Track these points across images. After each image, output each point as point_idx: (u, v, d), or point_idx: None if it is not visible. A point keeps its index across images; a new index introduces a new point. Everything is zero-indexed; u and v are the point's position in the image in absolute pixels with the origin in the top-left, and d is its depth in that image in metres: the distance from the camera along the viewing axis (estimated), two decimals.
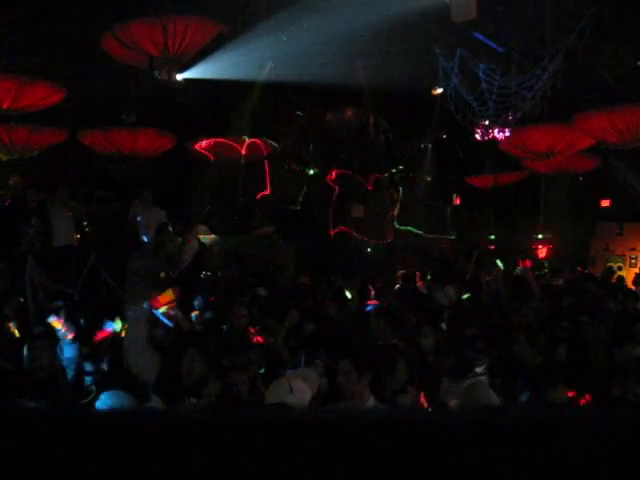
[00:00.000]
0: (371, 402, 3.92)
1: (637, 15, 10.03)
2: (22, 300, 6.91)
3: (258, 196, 14.32)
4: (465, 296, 8.86)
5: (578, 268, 14.24)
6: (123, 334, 5.27)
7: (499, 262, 9.93)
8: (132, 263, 9.82)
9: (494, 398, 3.93)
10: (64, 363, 4.65)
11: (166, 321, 5.91)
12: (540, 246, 12.45)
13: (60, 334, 5.04)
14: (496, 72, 11.04)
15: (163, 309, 6.10)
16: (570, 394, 4.17)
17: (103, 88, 11.30)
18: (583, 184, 16.49)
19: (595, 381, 4.77)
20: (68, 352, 4.84)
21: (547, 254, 12.39)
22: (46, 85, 10.29)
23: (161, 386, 4.20)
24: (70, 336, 5.07)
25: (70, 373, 4.63)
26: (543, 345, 5.92)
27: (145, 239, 10.48)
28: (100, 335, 5.32)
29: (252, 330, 5.90)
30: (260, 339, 5.69)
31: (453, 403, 4.06)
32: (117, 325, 5.35)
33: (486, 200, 16.64)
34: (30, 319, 6.87)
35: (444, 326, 6.83)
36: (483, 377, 4.10)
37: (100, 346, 5.27)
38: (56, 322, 5.49)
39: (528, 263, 11.98)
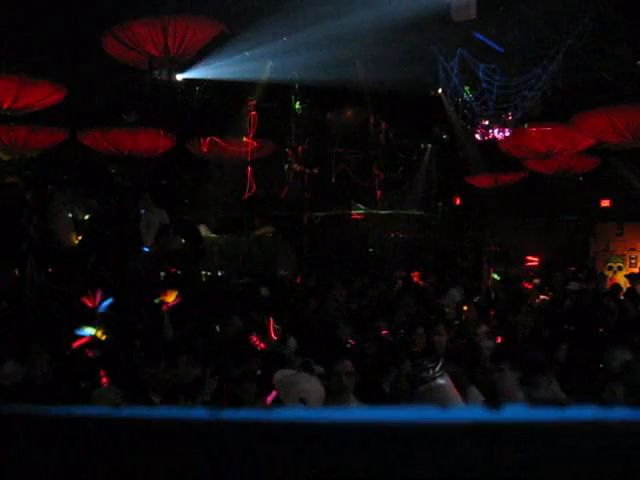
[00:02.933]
0: (354, 401, 3.90)
1: (637, 15, 10.03)
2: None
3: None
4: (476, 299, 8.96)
5: (572, 268, 14.19)
6: (99, 335, 5.23)
7: (495, 275, 9.94)
8: (133, 264, 9.87)
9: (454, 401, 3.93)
10: None
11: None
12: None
13: None
14: (496, 72, 11.05)
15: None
16: None
17: (103, 88, 11.29)
18: (583, 184, 16.48)
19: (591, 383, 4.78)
20: None
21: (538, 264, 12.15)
22: (46, 85, 10.28)
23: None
24: None
25: None
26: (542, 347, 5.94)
27: (145, 249, 10.47)
28: (78, 342, 5.27)
29: (255, 339, 5.87)
30: (263, 346, 5.68)
31: None
32: (91, 330, 5.31)
33: (486, 200, 16.63)
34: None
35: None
36: (441, 381, 4.08)
37: (81, 352, 5.20)
38: None
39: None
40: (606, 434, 0.82)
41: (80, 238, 10.21)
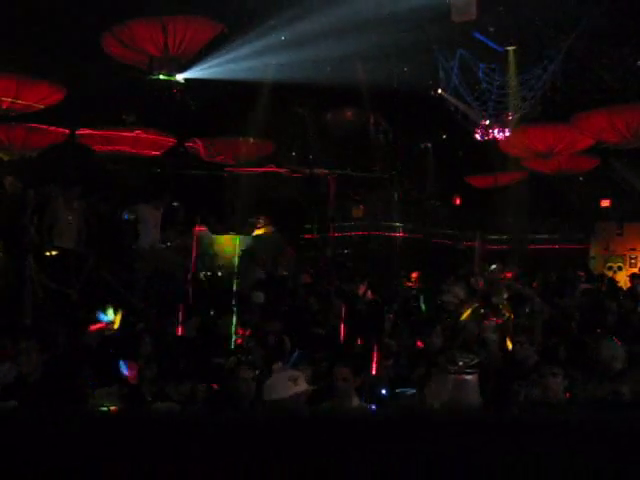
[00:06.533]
0: (356, 401, 3.99)
1: (637, 15, 10.03)
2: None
3: None
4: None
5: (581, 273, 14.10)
6: (116, 325, 5.22)
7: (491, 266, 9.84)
8: (138, 263, 9.84)
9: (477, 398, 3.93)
10: None
11: None
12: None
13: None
14: (496, 72, 11.05)
15: None
16: None
17: (103, 88, 11.28)
18: (583, 184, 16.48)
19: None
20: None
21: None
22: (46, 85, 10.29)
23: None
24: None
25: None
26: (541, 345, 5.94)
27: (147, 236, 10.49)
28: (94, 327, 5.24)
29: (241, 332, 5.86)
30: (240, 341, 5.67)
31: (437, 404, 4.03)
32: (110, 316, 5.29)
33: (486, 200, 16.62)
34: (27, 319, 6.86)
35: None
36: (470, 376, 4.06)
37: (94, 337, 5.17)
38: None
39: (509, 275, 11.34)
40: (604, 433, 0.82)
41: (79, 238, 10.18)
